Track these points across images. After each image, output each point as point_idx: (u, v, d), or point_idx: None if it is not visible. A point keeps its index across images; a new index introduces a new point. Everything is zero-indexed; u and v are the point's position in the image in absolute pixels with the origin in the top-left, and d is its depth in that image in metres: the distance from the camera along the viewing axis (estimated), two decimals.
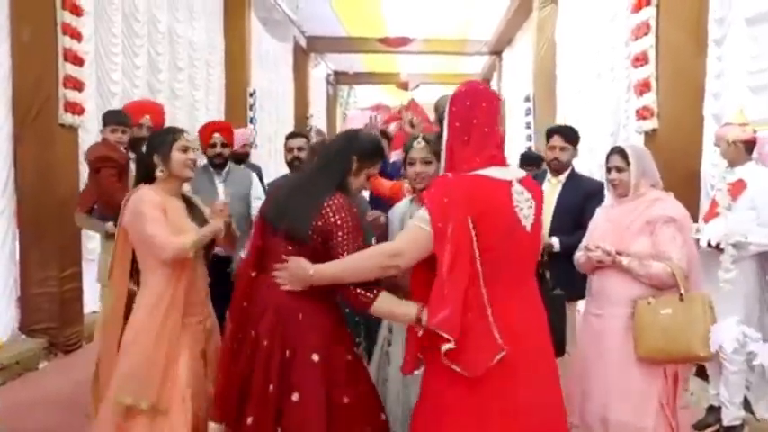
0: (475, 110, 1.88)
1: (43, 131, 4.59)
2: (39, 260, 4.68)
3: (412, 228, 1.88)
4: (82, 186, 4.40)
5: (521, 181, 1.91)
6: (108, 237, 3.39)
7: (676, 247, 2.37)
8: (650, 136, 4.63)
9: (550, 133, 3.49)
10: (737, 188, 3.09)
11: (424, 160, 2.46)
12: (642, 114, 4.65)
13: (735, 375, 3.15)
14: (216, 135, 3.68)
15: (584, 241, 2.63)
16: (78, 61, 4.79)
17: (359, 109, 14.46)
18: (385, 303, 1.94)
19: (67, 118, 4.66)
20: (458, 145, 1.89)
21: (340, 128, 14.96)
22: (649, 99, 4.57)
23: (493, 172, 1.87)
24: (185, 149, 2.47)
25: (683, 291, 2.30)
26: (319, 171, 2.16)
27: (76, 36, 4.77)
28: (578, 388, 2.52)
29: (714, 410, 3.38)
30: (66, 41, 4.65)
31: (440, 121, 2.06)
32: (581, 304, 3.55)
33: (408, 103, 5.16)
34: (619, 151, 2.59)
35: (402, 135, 4.40)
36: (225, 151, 3.73)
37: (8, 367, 4.23)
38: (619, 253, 2.42)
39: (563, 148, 3.38)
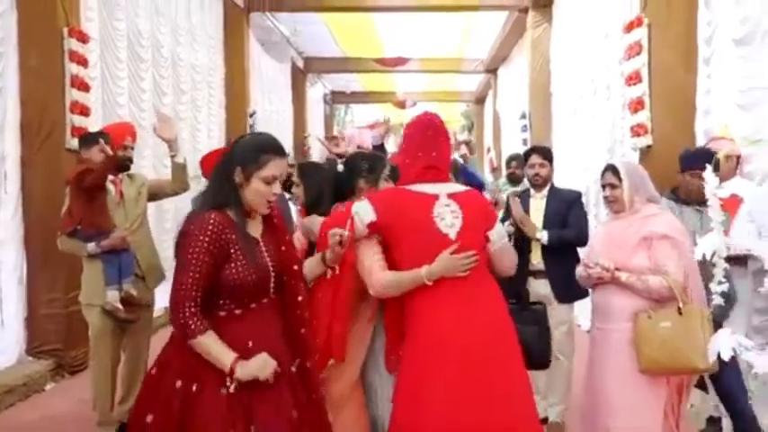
0: (416, 137, 2.22)
1: (51, 156, 4.69)
2: (45, 282, 4.74)
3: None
4: None
5: (451, 195, 2.18)
6: (89, 257, 3.44)
7: (673, 261, 2.44)
8: (645, 152, 4.74)
9: (528, 153, 3.81)
10: (734, 203, 3.18)
11: None
12: (636, 131, 4.76)
13: None
14: None
15: (585, 257, 2.72)
16: (84, 87, 4.91)
17: (356, 127, 14.60)
18: (209, 341, 1.86)
19: (75, 142, 4.72)
20: (402, 163, 2.22)
21: None
22: (643, 116, 4.69)
23: (421, 187, 2.17)
24: (387, 179, 2.61)
25: (681, 304, 2.35)
26: (205, 189, 2.08)
27: (83, 62, 4.89)
28: (586, 402, 2.59)
29: (714, 422, 3.44)
30: (72, 68, 4.77)
31: None
32: (578, 307, 3.69)
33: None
34: (611, 168, 2.67)
35: None
36: None
37: (15, 389, 4.28)
38: (617, 269, 2.49)
39: (542, 164, 3.68)
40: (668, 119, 4.56)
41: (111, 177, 3.53)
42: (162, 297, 4.60)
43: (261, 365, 1.86)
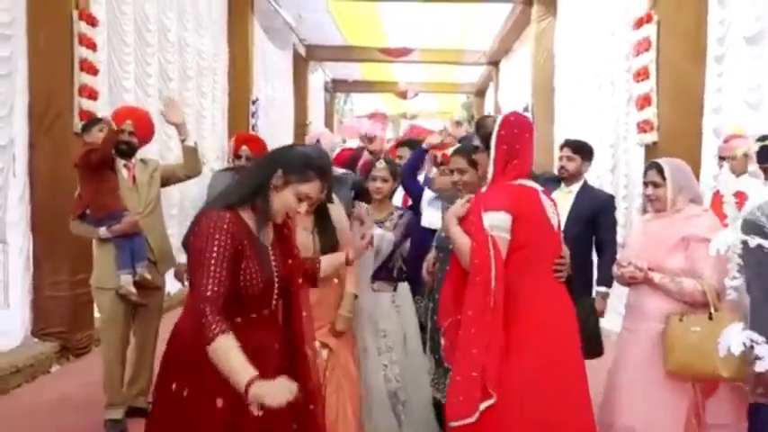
0: (520, 137, 2.28)
1: (58, 140, 4.66)
2: (51, 265, 4.74)
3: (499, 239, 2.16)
4: None
5: (542, 191, 2.32)
6: (101, 241, 3.45)
7: (709, 265, 2.35)
8: (650, 149, 4.77)
9: (562, 145, 3.72)
10: (740, 199, 3.23)
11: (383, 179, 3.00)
12: (643, 128, 4.80)
13: None
14: (243, 148, 3.77)
15: (620, 256, 2.70)
16: (93, 71, 4.89)
17: (356, 117, 14.58)
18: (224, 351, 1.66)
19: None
20: (502, 162, 2.26)
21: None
22: (650, 113, 4.72)
23: (526, 182, 2.28)
24: None
25: (712, 310, 2.31)
26: (236, 183, 2.01)
27: (92, 46, 4.88)
28: (608, 400, 2.57)
29: None
30: (82, 51, 4.75)
31: (482, 137, 2.41)
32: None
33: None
34: (656, 166, 2.59)
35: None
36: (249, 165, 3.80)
37: (22, 370, 4.30)
38: (651, 269, 2.45)
39: (570, 158, 3.56)
40: (675, 116, 4.59)
41: (123, 162, 3.54)
42: (172, 281, 4.66)
43: (277, 390, 1.60)
